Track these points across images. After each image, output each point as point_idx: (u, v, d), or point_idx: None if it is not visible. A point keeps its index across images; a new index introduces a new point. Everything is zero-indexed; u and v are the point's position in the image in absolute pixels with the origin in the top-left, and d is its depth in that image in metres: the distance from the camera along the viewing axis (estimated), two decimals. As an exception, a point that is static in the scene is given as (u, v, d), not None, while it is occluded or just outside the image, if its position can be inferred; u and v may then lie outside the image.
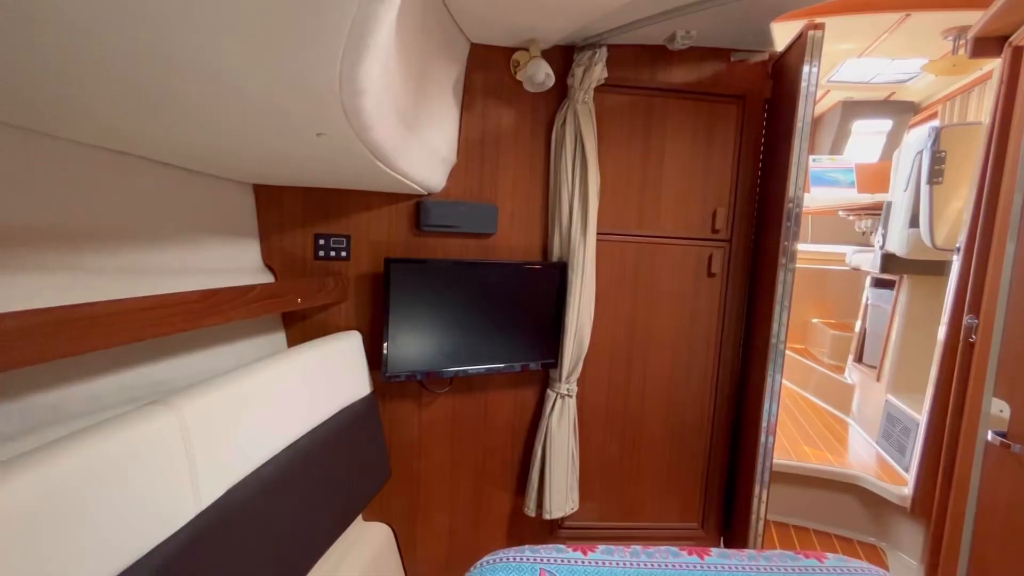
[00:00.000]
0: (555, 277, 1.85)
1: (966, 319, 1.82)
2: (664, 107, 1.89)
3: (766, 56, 1.88)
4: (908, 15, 2.46)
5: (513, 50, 1.77)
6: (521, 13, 1.53)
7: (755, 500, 1.82)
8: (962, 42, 2.48)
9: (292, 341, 1.72)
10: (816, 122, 4.53)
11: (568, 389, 1.87)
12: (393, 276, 1.62)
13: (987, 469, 1.56)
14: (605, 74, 1.75)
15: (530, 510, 1.91)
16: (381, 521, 1.90)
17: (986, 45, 1.84)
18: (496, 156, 1.83)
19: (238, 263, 1.55)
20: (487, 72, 1.77)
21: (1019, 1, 1.56)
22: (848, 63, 3.21)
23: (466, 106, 1.77)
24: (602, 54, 1.72)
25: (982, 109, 3.10)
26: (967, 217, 1.89)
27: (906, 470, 2.25)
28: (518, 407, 1.97)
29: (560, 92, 1.80)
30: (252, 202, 1.64)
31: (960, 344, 1.84)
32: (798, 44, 1.70)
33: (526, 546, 1.31)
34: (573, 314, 1.82)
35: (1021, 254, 1.48)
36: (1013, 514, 1.46)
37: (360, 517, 1.87)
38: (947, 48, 2.67)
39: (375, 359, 1.72)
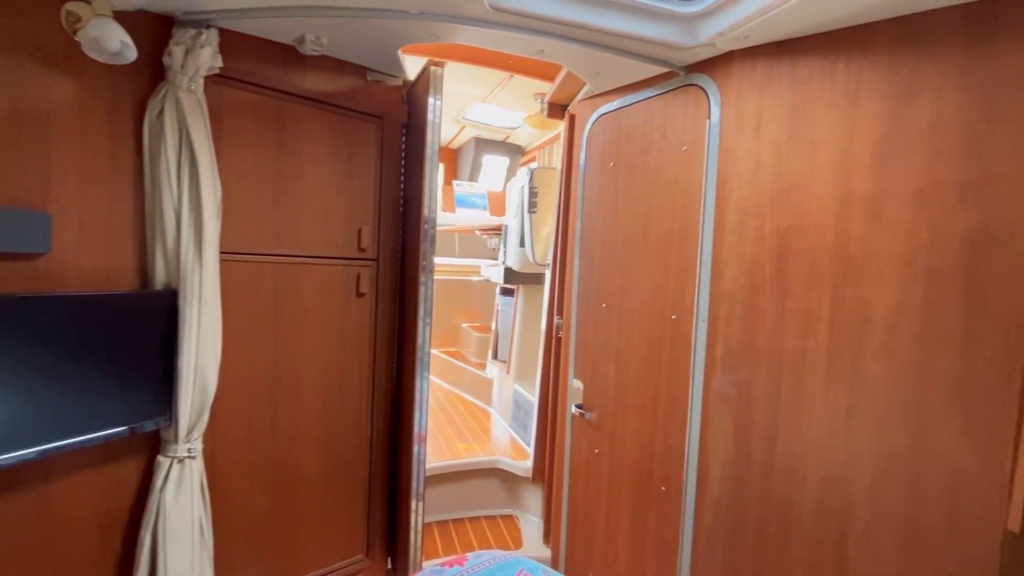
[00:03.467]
0: (161, 309, 1.43)
1: (555, 319, 2.34)
2: (300, 115, 1.72)
3: (400, 82, 1.96)
4: (512, 76, 3.05)
5: (67, -3, 1.27)
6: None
7: (412, 515, 1.86)
8: (545, 104, 3.24)
9: None
10: (458, 151, 5.22)
11: (190, 449, 1.47)
12: None
13: (574, 435, 2.03)
14: (219, 62, 1.46)
15: (137, 624, 1.41)
16: None
17: (555, 109, 2.43)
18: (45, 143, 1.28)
19: None
20: (14, 16, 1.21)
21: (570, 81, 2.10)
22: (476, 106, 3.78)
23: (-26, 60, 1.17)
24: (212, 36, 1.42)
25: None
26: (552, 239, 2.45)
27: (529, 446, 2.76)
28: (112, 489, 1.44)
29: (155, 71, 1.41)
30: None
31: (553, 339, 2.36)
32: (424, 77, 1.83)
33: None
34: (190, 355, 1.44)
35: (583, 267, 1.99)
36: (587, 466, 1.94)
37: None
38: (538, 107, 3.45)
39: None
